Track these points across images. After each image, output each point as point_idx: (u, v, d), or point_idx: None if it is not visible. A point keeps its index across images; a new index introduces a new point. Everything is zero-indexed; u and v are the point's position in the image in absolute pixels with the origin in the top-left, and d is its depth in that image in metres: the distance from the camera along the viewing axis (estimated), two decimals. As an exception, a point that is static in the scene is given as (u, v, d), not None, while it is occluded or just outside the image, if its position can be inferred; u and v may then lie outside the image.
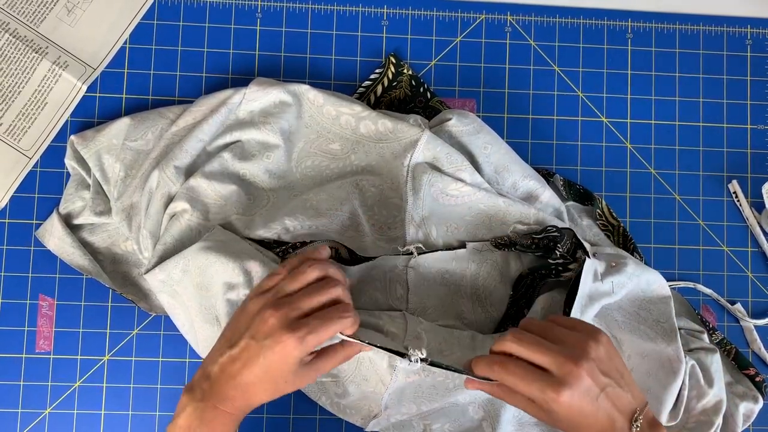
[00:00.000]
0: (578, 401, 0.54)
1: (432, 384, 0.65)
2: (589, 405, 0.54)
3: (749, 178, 0.79)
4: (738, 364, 0.75)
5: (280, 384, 0.57)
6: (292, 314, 0.56)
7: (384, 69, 0.76)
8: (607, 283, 0.67)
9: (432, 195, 0.68)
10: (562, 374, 0.54)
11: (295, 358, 0.56)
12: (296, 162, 0.73)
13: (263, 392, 0.57)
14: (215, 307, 0.66)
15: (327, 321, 0.56)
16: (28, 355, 0.73)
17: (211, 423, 0.57)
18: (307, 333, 0.55)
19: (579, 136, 0.78)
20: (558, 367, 0.54)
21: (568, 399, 0.53)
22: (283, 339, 0.55)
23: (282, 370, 0.56)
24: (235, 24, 0.77)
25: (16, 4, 0.75)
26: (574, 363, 0.54)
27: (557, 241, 0.66)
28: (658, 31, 0.80)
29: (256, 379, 0.56)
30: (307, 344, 0.55)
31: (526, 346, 0.56)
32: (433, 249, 0.68)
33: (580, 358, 0.54)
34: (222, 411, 0.57)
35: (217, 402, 0.57)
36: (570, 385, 0.54)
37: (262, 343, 0.56)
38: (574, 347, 0.55)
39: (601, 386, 0.55)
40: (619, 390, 0.56)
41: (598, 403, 0.55)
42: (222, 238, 0.66)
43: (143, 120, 0.73)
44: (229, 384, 0.57)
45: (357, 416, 0.68)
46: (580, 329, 0.57)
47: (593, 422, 0.55)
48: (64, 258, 0.72)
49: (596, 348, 0.56)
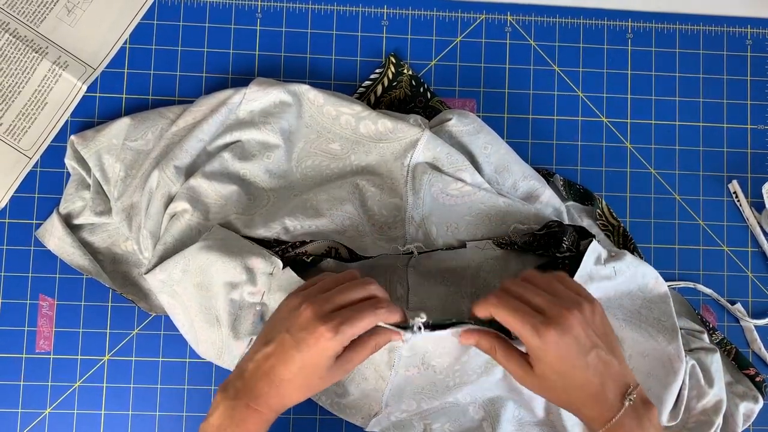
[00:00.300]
0: (566, 348, 0.54)
1: (432, 381, 0.65)
2: (578, 357, 0.55)
3: (749, 178, 0.79)
4: (738, 364, 0.75)
5: (314, 381, 0.57)
6: (327, 307, 0.56)
7: (384, 69, 0.76)
8: (609, 267, 0.67)
9: (432, 195, 0.68)
10: (553, 314, 0.55)
11: (331, 350, 0.55)
12: (296, 162, 0.73)
13: (297, 390, 0.57)
14: (216, 307, 0.66)
15: (361, 311, 0.56)
16: (28, 355, 0.73)
17: (242, 423, 0.56)
18: (340, 323, 0.55)
19: (579, 136, 0.78)
20: (550, 309, 0.55)
21: (556, 339, 0.54)
22: (319, 330, 0.55)
23: (317, 364, 0.56)
24: (235, 24, 0.77)
25: (16, 4, 0.75)
26: (567, 310, 0.55)
27: (562, 235, 0.66)
28: (658, 31, 0.80)
29: (291, 375, 0.56)
30: (343, 335, 0.55)
31: (525, 288, 0.57)
32: (433, 249, 0.68)
33: (572, 308, 0.56)
34: (254, 410, 0.56)
35: (249, 400, 0.56)
36: (560, 326, 0.54)
37: (298, 336, 0.56)
38: (570, 300, 0.57)
39: (591, 343, 0.55)
40: (612, 358, 0.56)
41: (588, 360, 0.55)
42: (221, 237, 0.66)
43: (143, 120, 0.73)
44: (264, 381, 0.56)
45: (358, 415, 0.68)
46: (580, 293, 0.58)
47: (583, 381, 0.55)
48: (64, 258, 0.72)
49: (591, 310, 0.57)
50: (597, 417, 0.56)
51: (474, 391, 0.67)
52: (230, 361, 0.67)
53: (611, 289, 0.69)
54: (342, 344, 0.56)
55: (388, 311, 0.57)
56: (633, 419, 0.55)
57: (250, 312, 0.65)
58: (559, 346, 0.54)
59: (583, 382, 0.55)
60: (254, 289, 0.64)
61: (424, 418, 0.68)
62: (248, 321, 0.65)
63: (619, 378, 0.56)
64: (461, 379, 0.65)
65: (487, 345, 0.59)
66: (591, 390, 0.55)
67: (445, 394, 0.65)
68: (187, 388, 0.74)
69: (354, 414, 0.68)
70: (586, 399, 0.56)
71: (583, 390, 0.55)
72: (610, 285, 0.68)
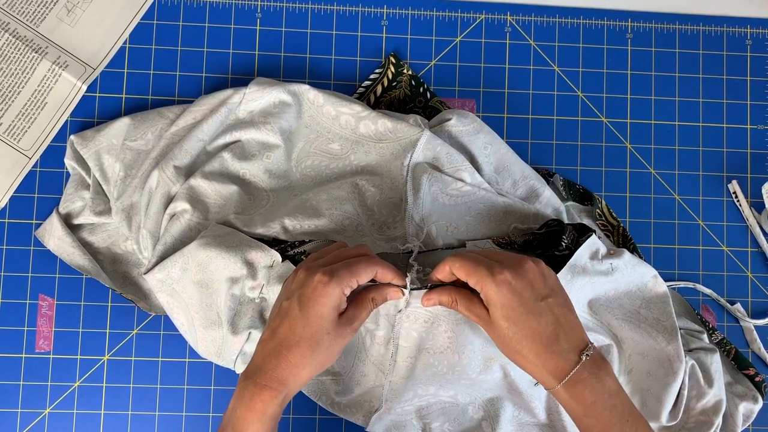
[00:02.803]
0: (520, 290, 0.55)
1: (427, 364, 0.65)
2: (532, 302, 0.55)
3: (749, 178, 0.79)
4: (738, 364, 0.75)
5: (322, 341, 0.56)
6: (320, 262, 0.58)
7: (384, 69, 0.76)
8: (606, 263, 0.67)
9: (432, 195, 0.68)
10: (509, 262, 0.57)
11: (330, 298, 0.56)
12: (296, 162, 0.73)
13: (306, 356, 0.56)
14: (216, 303, 0.66)
15: (356, 259, 0.58)
16: (28, 354, 0.73)
17: (250, 400, 0.56)
18: (335, 269, 0.56)
19: (579, 136, 0.78)
20: (507, 259, 0.57)
21: (510, 280, 0.55)
22: (314, 279, 0.56)
23: (320, 316, 0.56)
24: (235, 24, 0.77)
25: (16, 4, 0.75)
26: (522, 258, 0.57)
27: (561, 234, 0.66)
28: (658, 31, 0.80)
29: (297, 338, 0.56)
30: (339, 278, 0.56)
31: (481, 251, 0.60)
32: (433, 248, 0.68)
33: (527, 259, 0.57)
34: (262, 386, 0.56)
35: (258, 378, 0.56)
36: (514, 269, 0.56)
37: (296, 295, 0.57)
38: (524, 256, 0.58)
39: (546, 291, 0.56)
40: (567, 312, 0.57)
41: (541, 307, 0.56)
42: (220, 233, 0.66)
43: (143, 120, 0.73)
44: (272, 355, 0.56)
45: (359, 414, 0.68)
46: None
47: (535, 328, 0.55)
48: (64, 258, 0.72)
49: (546, 267, 0.58)
50: (552, 371, 0.55)
51: (474, 391, 0.67)
52: (230, 358, 0.67)
53: (611, 288, 0.69)
54: (340, 289, 0.56)
55: (382, 263, 0.59)
56: (591, 374, 0.55)
57: (250, 307, 0.66)
58: (511, 287, 0.55)
59: (535, 330, 0.55)
60: (254, 283, 0.64)
61: (423, 417, 0.68)
62: (247, 316, 0.66)
63: (574, 332, 0.56)
64: (461, 375, 0.65)
65: (448, 298, 0.60)
66: (544, 339, 0.55)
67: (441, 381, 0.66)
68: (186, 388, 0.74)
69: (355, 412, 0.68)
70: (540, 350, 0.55)
71: (534, 340, 0.55)
72: (608, 284, 0.68)
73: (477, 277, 0.56)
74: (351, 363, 0.66)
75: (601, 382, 0.55)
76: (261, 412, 0.55)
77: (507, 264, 0.57)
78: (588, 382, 0.55)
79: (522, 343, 0.56)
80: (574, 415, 0.56)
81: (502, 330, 0.56)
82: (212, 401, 0.74)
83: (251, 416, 0.55)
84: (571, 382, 0.55)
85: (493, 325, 0.57)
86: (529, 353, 0.56)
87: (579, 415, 0.56)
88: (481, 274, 0.56)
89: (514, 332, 0.56)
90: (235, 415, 0.56)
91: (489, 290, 0.56)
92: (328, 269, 0.57)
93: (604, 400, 0.55)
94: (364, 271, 0.57)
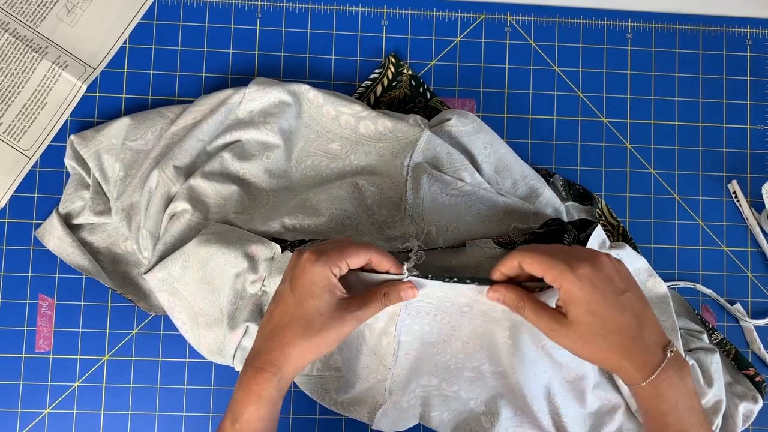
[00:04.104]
0: (601, 284, 0.52)
1: (430, 353, 0.65)
2: (613, 296, 0.52)
3: (749, 178, 0.79)
4: (738, 364, 0.75)
5: (314, 319, 0.55)
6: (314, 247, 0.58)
7: (384, 69, 0.76)
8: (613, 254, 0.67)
9: (432, 194, 0.69)
10: (584, 255, 0.54)
11: (321, 276, 0.55)
12: (296, 162, 0.73)
13: (300, 337, 0.55)
14: (219, 300, 0.66)
15: (346, 243, 0.57)
16: (28, 354, 0.73)
17: (247, 384, 0.56)
18: (324, 249, 0.56)
19: (579, 136, 0.78)
20: (580, 253, 0.54)
21: (590, 275, 0.52)
22: (304, 258, 0.56)
23: (312, 294, 0.55)
24: (235, 24, 0.77)
25: (16, 4, 0.75)
26: (596, 252, 0.54)
27: (563, 232, 0.66)
28: (658, 31, 0.80)
29: (289, 317, 0.56)
30: (327, 256, 0.55)
31: (546, 248, 0.56)
32: (433, 248, 0.68)
33: (600, 253, 0.55)
34: (257, 369, 0.55)
35: (255, 361, 0.56)
36: (592, 262, 0.53)
37: (289, 276, 0.57)
38: (594, 250, 0.56)
39: (624, 285, 0.53)
40: (645, 306, 0.54)
41: (623, 300, 0.53)
42: (219, 230, 0.66)
43: (143, 120, 0.73)
44: (268, 337, 0.56)
45: (363, 410, 0.68)
46: None
47: (621, 322, 0.52)
48: (64, 258, 0.72)
49: (618, 260, 0.56)
50: (639, 366, 0.53)
51: (476, 388, 0.67)
52: (228, 354, 0.67)
53: None
54: (327, 268, 0.55)
55: (378, 250, 0.58)
56: (676, 371, 0.53)
57: (250, 301, 0.66)
58: (593, 282, 0.52)
59: (621, 324, 0.52)
60: (255, 276, 0.65)
61: (423, 405, 0.68)
62: (246, 309, 0.66)
63: (656, 328, 0.54)
64: (464, 363, 0.65)
65: (514, 300, 0.57)
66: (630, 333, 0.53)
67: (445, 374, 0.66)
68: (186, 388, 0.74)
69: (359, 410, 0.68)
70: (628, 344, 0.53)
71: (621, 334, 0.52)
72: None
73: (555, 272, 0.53)
74: (352, 356, 0.66)
75: (683, 382, 0.53)
76: (257, 395, 0.55)
77: (583, 257, 0.54)
78: (672, 381, 0.53)
79: (608, 339, 0.53)
80: (653, 413, 0.54)
81: (585, 327, 0.53)
82: (212, 401, 0.74)
83: (248, 399, 0.55)
84: (657, 380, 0.53)
85: (573, 324, 0.53)
86: (617, 348, 0.53)
87: (659, 414, 0.53)
88: (561, 269, 0.53)
89: (600, 327, 0.53)
90: (234, 400, 0.56)
91: (571, 285, 0.53)
92: (317, 249, 0.56)
93: (685, 401, 0.53)
94: (355, 254, 0.56)
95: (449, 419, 0.68)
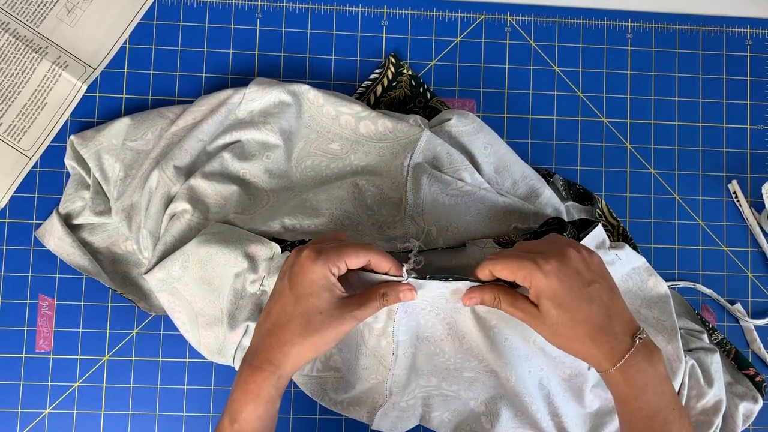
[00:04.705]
0: (568, 278, 0.55)
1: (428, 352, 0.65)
2: (580, 288, 0.55)
3: (749, 178, 0.79)
4: (738, 364, 0.75)
5: (313, 318, 0.55)
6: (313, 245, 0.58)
7: (384, 69, 0.76)
8: (611, 254, 0.67)
9: (432, 194, 0.69)
10: (552, 251, 0.56)
11: (319, 275, 0.55)
12: (296, 162, 0.73)
13: (299, 335, 0.55)
14: (219, 300, 0.66)
15: (345, 242, 0.58)
16: (28, 354, 0.73)
17: (245, 383, 0.56)
18: (323, 248, 0.56)
19: (579, 136, 0.78)
20: (548, 249, 0.57)
21: (557, 270, 0.55)
22: (302, 256, 0.56)
23: (311, 293, 0.55)
24: (235, 24, 0.77)
25: (16, 4, 0.75)
26: (565, 246, 0.57)
27: (562, 231, 0.66)
28: (658, 31, 0.80)
29: (288, 316, 0.56)
30: (326, 254, 0.56)
31: (520, 245, 0.59)
32: (433, 248, 0.68)
33: (569, 246, 0.57)
34: (255, 367, 0.56)
35: (253, 360, 0.56)
36: (559, 257, 0.55)
37: (287, 274, 0.57)
38: (565, 242, 0.58)
39: (591, 277, 0.56)
40: (615, 296, 0.57)
41: (590, 292, 0.55)
42: (219, 230, 0.66)
43: (143, 120, 0.73)
44: (266, 336, 0.56)
45: (363, 410, 0.68)
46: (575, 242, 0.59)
47: (588, 313, 0.55)
48: (64, 258, 0.72)
49: (587, 252, 0.58)
50: (607, 353, 0.55)
51: (476, 388, 0.67)
52: (229, 353, 0.67)
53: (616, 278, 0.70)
54: (326, 267, 0.56)
55: (378, 251, 0.58)
56: (644, 358, 0.55)
57: (250, 300, 0.66)
58: (559, 276, 0.55)
59: (588, 315, 0.55)
60: (255, 276, 0.65)
61: (424, 405, 0.68)
62: (246, 309, 0.66)
63: (625, 316, 0.56)
64: (463, 361, 0.65)
65: (491, 297, 0.59)
66: (597, 322, 0.55)
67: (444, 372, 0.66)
68: (186, 388, 0.74)
69: (359, 410, 0.68)
70: (595, 333, 0.55)
71: (588, 324, 0.55)
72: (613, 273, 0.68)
73: (524, 273, 0.56)
74: (352, 357, 0.66)
75: (653, 367, 0.55)
76: (255, 394, 0.55)
77: (550, 254, 0.56)
78: (641, 366, 0.55)
79: (576, 329, 0.55)
80: (623, 397, 0.56)
81: (554, 319, 0.55)
82: (212, 401, 0.74)
83: (246, 398, 0.56)
84: (625, 365, 0.55)
85: (544, 316, 0.56)
86: (584, 337, 0.55)
87: (628, 398, 0.55)
88: (529, 269, 0.55)
89: (568, 318, 0.55)
90: (232, 399, 0.56)
91: (539, 282, 0.55)
92: (317, 247, 0.57)
93: (654, 385, 0.55)
94: (354, 254, 0.57)
95: (450, 419, 0.68)
